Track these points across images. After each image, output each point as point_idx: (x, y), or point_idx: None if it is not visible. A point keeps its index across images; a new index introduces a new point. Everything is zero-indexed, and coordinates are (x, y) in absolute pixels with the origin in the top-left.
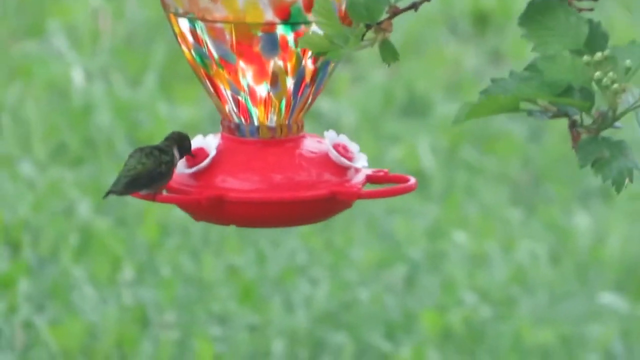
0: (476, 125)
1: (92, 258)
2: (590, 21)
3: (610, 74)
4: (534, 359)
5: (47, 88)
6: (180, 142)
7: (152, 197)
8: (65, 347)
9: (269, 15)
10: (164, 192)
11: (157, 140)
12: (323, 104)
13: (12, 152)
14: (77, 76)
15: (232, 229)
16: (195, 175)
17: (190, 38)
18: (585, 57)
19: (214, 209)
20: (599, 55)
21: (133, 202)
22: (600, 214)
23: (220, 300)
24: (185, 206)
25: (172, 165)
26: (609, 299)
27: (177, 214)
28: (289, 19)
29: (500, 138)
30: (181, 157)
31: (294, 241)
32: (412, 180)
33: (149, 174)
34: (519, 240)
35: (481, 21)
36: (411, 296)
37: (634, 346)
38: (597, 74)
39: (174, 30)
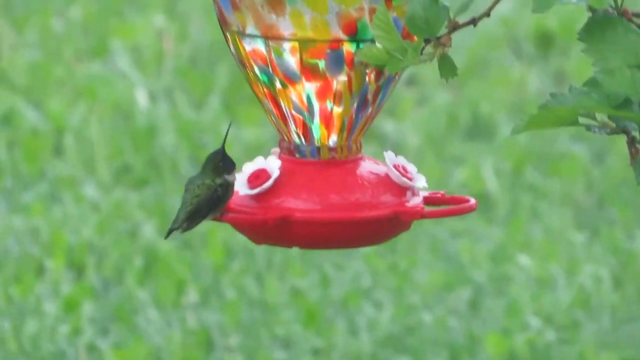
0: (540, 147)
1: (156, 281)
2: None
3: None
4: None
5: (111, 109)
6: (218, 161)
7: (219, 219)
8: None
9: (336, 32)
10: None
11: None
12: (387, 125)
13: (76, 173)
14: (141, 97)
15: (295, 251)
16: (257, 197)
17: (252, 56)
18: None
19: (279, 230)
20: None
21: (199, 225)
22: None
23: (284, 324)
24: (250, 227)
25: (227, 184)
26: None
27: (242, 237)
28: (356, 35)
29: (564, 160)
30: (229, 171)
31: (358, 264)
32: (472, 200)
33: (207, 203)
34: (582, 263)
35: (545, 42)
36: (475, 319)
37: None
38: None
39: (235, 49)
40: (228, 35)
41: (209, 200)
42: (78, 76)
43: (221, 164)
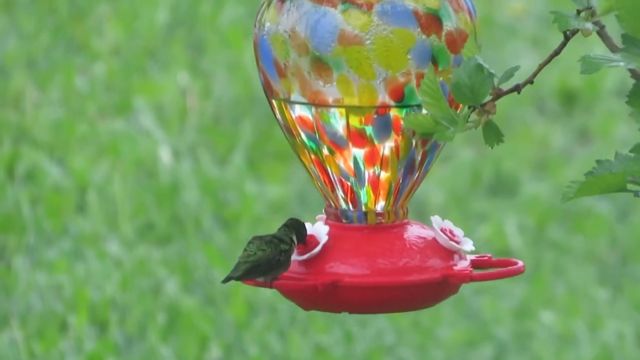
0: (564, 206)
1: (179, 337)
2: None
3: None
4: None
5: (134, 166)
6: (298, 230)
7: (269, 284)
8: None
9: (383, 97)
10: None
11: (244, 218)
12: None
13: (99, 230)
14: (164, 154)
15: None
16: (306, 263)
17: (299, 123)
18: None
19: (328, 295)
20: None
21: (220, 281)
22: None
23: None
24: (299, 293)
25: (290, 253)
26: None
27: (265, 293)
28: (402, 101)
29: (587, 217)
30: (298, 243)
31: (381, 321)
32: (520, 263)
33: (268, 262)
34: (605, 320)
35: (569, 100)
36: None
37: None
38: None
39: (281, 116)
40: (274, 102)
41: (270, 260)
42: (101, 133)
43: (299, 232)
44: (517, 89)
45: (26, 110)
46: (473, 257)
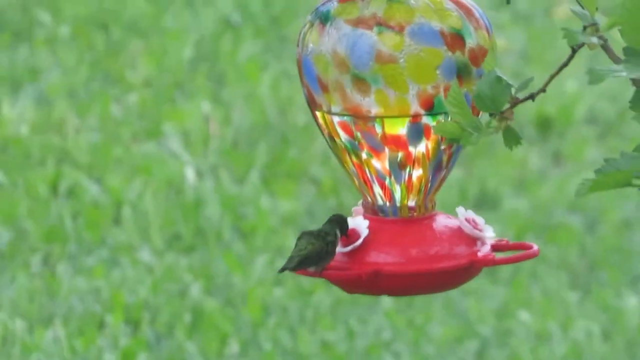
0: (539, 217)
1: (202, 334)
2: None
3: None
4: None
5: (163, 184)
6: (341, 225)
7: (319, 274)
8: None
9: (415, 107)
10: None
11: (260, 230)
12: None
13: (133, 241)
14: (190, 174)
15: (325, 308)
16: (349, 254)
17: (341, 132)
18: None
19: (370, 282)
20: None
21: (238, 285)
22: None
23: None
24: (345, 282)
25: (335, 245)
26: None
27: (278, 295)
28: (433, 110)
29: (560, 229)
30: (341, 237)
31: (380, 319)
32: (535, 247)
33: (317, 253)
34: (576, 319)
35: (544, 127)
36: None
37: None
38: None
39: (324, 125)
40: (317, 113)
41: (319, 251)
42: (134, 155)
43: (342, 226)
44: (531, 97)
45: (68, 135)
46: (493, 242)
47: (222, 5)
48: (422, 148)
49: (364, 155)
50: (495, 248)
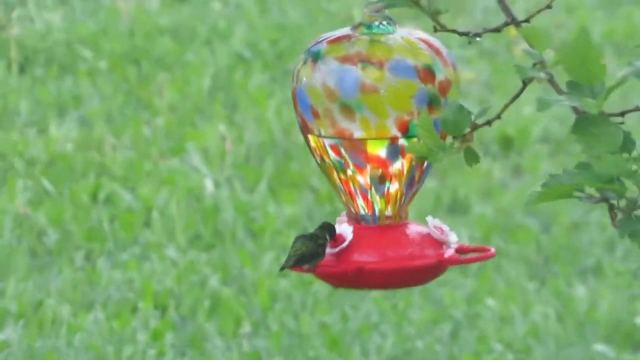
0: (502, 220)
1: (220, 317)
2: (623, 131)
3: None
4: None
5: (186, 193)
6: (330, 230)
7: (312, 271)
8: None
9: (393, 131)
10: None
11: (267, 231)
12: None
13: (161, 240)
14: (208, 184)
15: (323, 295)
16: (337, 254)
17: (331, 152)
18: (625, 155)
19: (355, 277)
20: (634, 153)
21: (250, 276)
22: (594, 286)
23: (314, 349)
24: (333, 277)
25: (325, 247)
26: (600, 348)
27: (283, 285)
28: (408, 133)
29: (519, 230)
30: (330, 240)
31: (369, 305)
32: (492, 250)
33: (310, 253)
34: (533, 305)
35: (505, 145)
36: (455, 346)
37: None
38: (634, 167)
39: (315, 146)
40: (310, 137)
41: (312, 252)
42: (161, 169)
43: (330, 231)
44: (489, 123)
45: (106, 152)
46: (457, 245)
47: (235, 43)
48: (398, 165)
49: (349, 172)
50: (459, 250)
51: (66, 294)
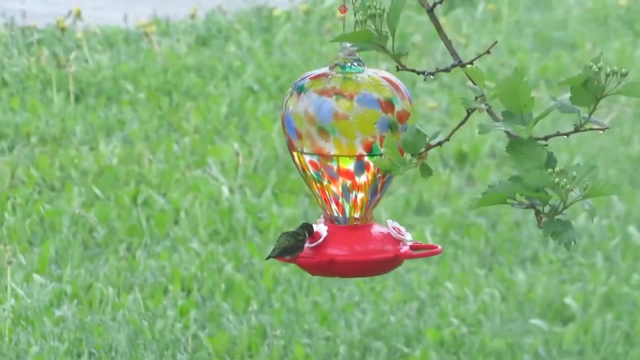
0: (458, 219)
1: (233, 298)
2: (547, 151)
3: (564, 180)
4: (491, 358)
5: (207, 198)
6: (308, 229)
7: (292, 261)
8: (218, 350)
9: (360, 150)
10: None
11: (272, 228)
12: None
13: (187, 235)
14: (225, 191)
15: (316, 280)
16: (314, 248)
17: (310, 166)
18: (549, 170)
19: (327, 267)
20: (557, 169)
21: (257, 265)
22: (531, 272)
23: (308, 322)
24: (310, 266)
25: (304, 242)
26: (536, 322)
27: (284, 271)
28: (372, 152)
29: (472, 227)
30: (308, 237)
31: (352, 287)
32: (439, 247)
33: (292, 246)
34: (483, 287)
35: (461, 159)
36: (421, 320)
37: (552, 350)
38: (557, 179)
39: (298, 160)
40: (294, 153)
41: (293, 245)
42: (188, 179)
43: (309, 230)
44: (439, 144)
45: (144, 165)
46: (411, 243)
47: (247, 79)
48: (364, 178)
49: (325, 182)
50: (413, 247)
51: (111, 278)
